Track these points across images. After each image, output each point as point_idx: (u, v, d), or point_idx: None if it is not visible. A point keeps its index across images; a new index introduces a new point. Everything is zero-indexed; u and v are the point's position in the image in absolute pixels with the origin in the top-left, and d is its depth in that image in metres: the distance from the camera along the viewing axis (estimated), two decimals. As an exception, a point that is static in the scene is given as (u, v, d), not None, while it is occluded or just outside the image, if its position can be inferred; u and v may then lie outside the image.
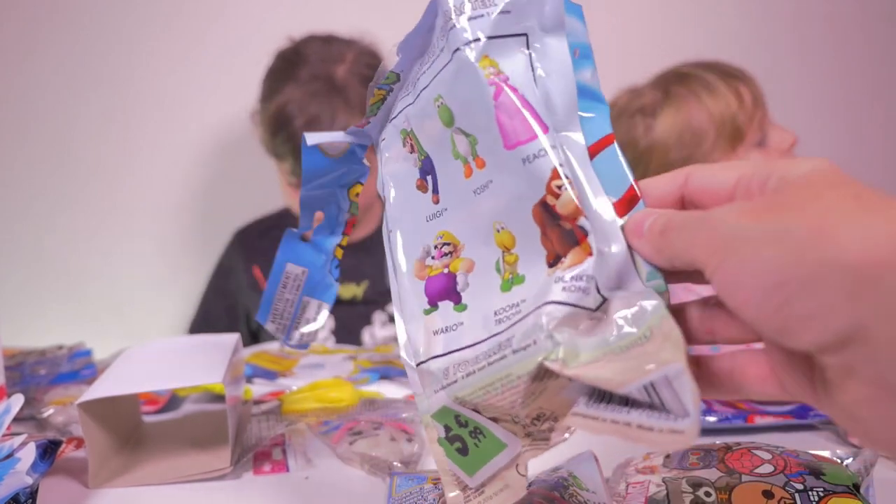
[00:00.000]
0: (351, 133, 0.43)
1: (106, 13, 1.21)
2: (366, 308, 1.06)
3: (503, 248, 0.34)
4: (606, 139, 0.33)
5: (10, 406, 0.51)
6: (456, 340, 0.35)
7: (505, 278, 0.34)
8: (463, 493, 0.35)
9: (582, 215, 0.31)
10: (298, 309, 0.49)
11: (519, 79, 0.33)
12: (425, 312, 0.37)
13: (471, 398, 0.33)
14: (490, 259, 0.35)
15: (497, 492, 0.35)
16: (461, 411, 0.34)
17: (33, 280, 1.25)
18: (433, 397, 0.35)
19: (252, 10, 1.23)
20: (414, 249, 0.38)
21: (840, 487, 0.42)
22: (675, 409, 0.27)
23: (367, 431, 0.58)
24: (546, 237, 0.32)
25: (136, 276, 1.27)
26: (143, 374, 0.57)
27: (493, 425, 0.34)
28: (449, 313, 0.36)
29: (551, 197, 0.32)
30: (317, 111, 0.94)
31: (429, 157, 0.38)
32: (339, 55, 0.99)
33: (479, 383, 0.33)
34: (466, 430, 0.35)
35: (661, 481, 0.45)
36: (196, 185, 1.26)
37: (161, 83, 1.23)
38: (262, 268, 1.09)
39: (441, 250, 0.37)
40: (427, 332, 0.36)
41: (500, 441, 0.34)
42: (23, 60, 1.21)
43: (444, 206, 0.37)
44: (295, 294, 0.48)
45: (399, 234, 0.39)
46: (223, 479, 0.54)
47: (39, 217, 1.24)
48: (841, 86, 1.31)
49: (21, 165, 1.23)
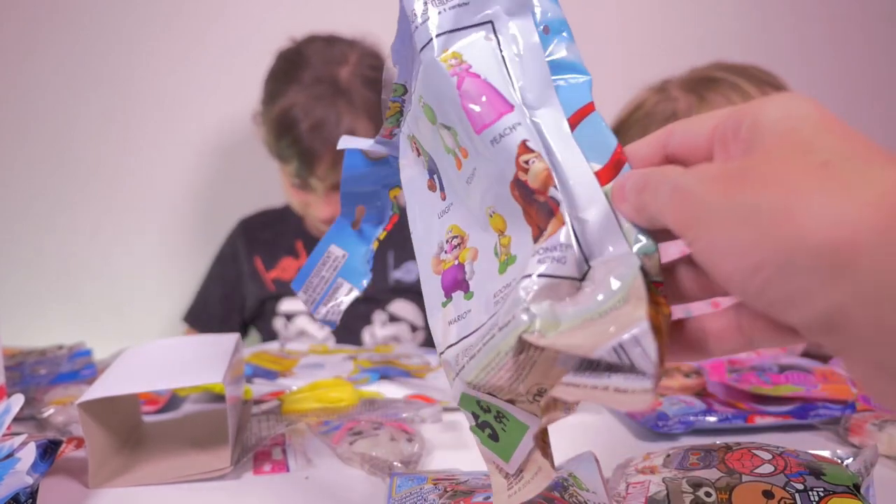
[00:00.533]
0: (381, 143, 0.44)
1: (106, 13, 1.21)
2: (366, 307, 1.06)
3: (498, 232, 0.35)
4: (586, 108, 0.33)
5: (10, 406, 0.51)
6: (465, 327, 0.35)
7: (501, 260, 0.35)
8: (506, 481, 0.35)
9: (552, 185, 0.31)
10: (331, 288, 0.50)
11: (482, 65, 0.34)
12: (443, 305, 0.38)
13: (477, 381, 0.34)
14: (489, 244, 0.36)
15: (532, 476, 0.34)
16: (480, 396, 0.35)
17: (33, 280, 1.25)
18: (455, 385, 0.36)
19: (252, 10, 1.23)
20: (431, 247, 0.39)
21: (840, 487, 0.42)
22: (644, 368, 0.27)
23: (367, 431, 0.58)
24: (528, 214, 0.33)
25: (136, 276, 1.27)
26: (143, 374, 0.57)
27: (511, 407, 0.34)
28: (460, 302, 0.37)
29: (522, 172, 0.32)
30: (322, 114, 0.94)
31: (431, 157, 0.39)
32: (342, 57, 0.99)
33: (480, 365, 0.33)
34: (491, 416, 0.35)
35: (661, 481, 0.45)
36: (196, 184, 1.26)
37: (161, 83, 1.23)
38: (264, 259, 1.09)
39: (451, 243, 0.38)
40: (444, 323, 0.37)
41: (522, 423, 0.34)
42: (23, 60, 1.21)
43: (450, 202, 0.38)
44: (332, 273, 0.50)
45: (418, 236, 0.40)
46: (223, 478, 0.54)
47: (39, 217, 1.24)
48: (841, 86, 1.31)
49: (21, 165, 1.23)
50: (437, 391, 0.72)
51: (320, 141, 0.94)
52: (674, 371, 0.73)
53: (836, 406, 0.62)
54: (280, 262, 1.09)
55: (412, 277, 1.08)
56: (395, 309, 1.07)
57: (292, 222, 1.11)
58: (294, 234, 1.10)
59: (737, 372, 0.68)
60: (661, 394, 0.67)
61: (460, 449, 0.61)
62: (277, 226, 1.12)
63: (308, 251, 1.08)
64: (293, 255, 1.09)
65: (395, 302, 1.07)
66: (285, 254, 1.09)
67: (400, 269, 1.08)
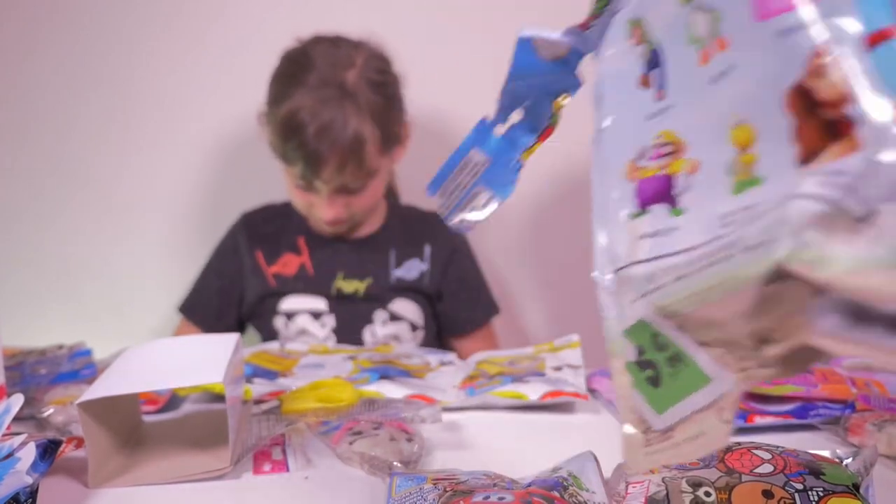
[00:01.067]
0: (570, 34, 0.39)
1: (106, 13, 1.21)
2: (367, 306, 1.06)
3: (739, 147, 0.30)
4: (887, 31, 0.27)
5: (10, 406, 0.51)
6: (667, 245, 0.31)
7: (738, 180, 0.30)
8: (644, 436, 0.31)
9: (851, 102, 0.26)
10: (469, 195, 0.46)
11: None
12: (632, 216, 0.34)
13: (679, 307, 0.29)
14: (719, 159, 0.31)
15: (690, 438, 0.30)
16: (662, 328, 0.30)
17: (33, 280, 1.25)
18: (630, 308, 0.32)
19: (252, 10, 1.23)
20: (627, 150, 0.35)
21: (840, 487, 0.42)
22: None
23: (367, 431, 0.58)
24: (802, 129, 0.27)
25: (136, 276, 1.27)
26: (143, 374, 0.57)
27: (699, 352, 0.29)
28: (661, 217, 0.32)
29: (813, 78, 0.27)
30: (328, 118, 0.94)
31: (658, 48, 0.34)
32: (348, 59, 0.99)
33: (693, 288, 0.29)
34: (664, 356, 0.30)
35: (660, 481, 0.45)
36: (196, 184, 1.26)
37: (161, 83, 1.23)
38: (265, 253, 1.09)
39: (659, 151, 0.34)
40: (632, 236, 0.33)
41: (704, 374, 0.29)
42: (23, 60, 1.20)
43: (670, 103, 0.34)
44: (470, 179, 0.46)
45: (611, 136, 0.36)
46: (223, 478, 0.54)
47: (39, 217, 1.24)
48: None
49: (21, 165, 1.23)
50: (437, 391, 0.72)
51: (327, 144, 0.94)
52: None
53: (835, 406, 0.63)
54: (281, 258, 1.09)
55: (413, 275, 1.09)
56: (395, 307, 1.07)
57: (295, 218, 1.11)
58: (297, 230, 1.10)
59: (737, 372, 0.68)
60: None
61: (460, 449, 0.61)
62: (280, 221, 1.12)
63: (310, 248, 1.09)
64: (295, 252, 1.09)
65: (397, 301, 1.07)
66: (287, 250, 1.09)
67: (401, 268, 1.09)
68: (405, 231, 1.11)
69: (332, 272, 1.07)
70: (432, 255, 1.09)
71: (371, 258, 1.08)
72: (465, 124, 0.46)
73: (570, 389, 0.70)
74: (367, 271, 1.07)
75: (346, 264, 1.08)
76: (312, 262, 1.08)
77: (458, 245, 1.12)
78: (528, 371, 0.75)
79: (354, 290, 1.06)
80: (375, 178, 1.02)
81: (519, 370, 0.76)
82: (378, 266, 1.08)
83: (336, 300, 1.06)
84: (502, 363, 0.80)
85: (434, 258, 1.09)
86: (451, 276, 1.10)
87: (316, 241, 1.09)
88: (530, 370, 0.76)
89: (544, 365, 0.77)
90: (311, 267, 1.08)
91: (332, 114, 0.94)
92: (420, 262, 1.09)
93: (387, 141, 1.01)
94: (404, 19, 1.18)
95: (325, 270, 1.07)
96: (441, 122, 1.21)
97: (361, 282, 1.07)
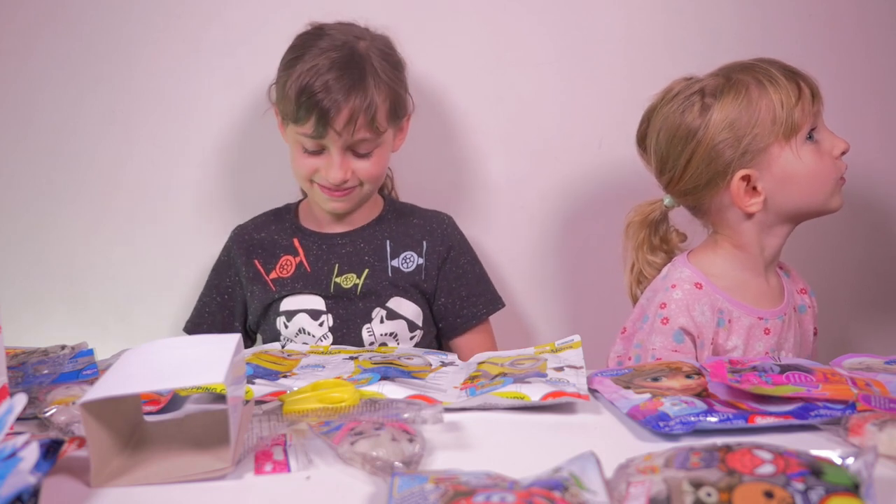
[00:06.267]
0: None
1: (106, 13, 1.21)
2: (364, 304, 1.06)
3: None
4: None
5: (13, 406, 0.51)
6: None
7: None
8: None
9: None
10: None
11: None
12: None
13: None
14: None
15: None
16: None
17: (36, 282, 1.25)
18: None
19: (252, 10, 1.23)
20: None
21: (840, 487, 0.42)
22: None
23: (368, 432, 0.58)
24: None
25: (138, 277, 1.27)
26: (144, 375, 0.57)
27: None
28: None
29: None
30: (342, 71, 0.98)
31: None
32: (360, 33, 1.05)
33: None
34: None
35: (662, 481, 0.45)
36: (197, 185, 1.26)
37: (161, 83, 1.23)
38: (262, 260, 1.10)
39: None
40: None
41: None
42: (23, 60, 1.21)
43: None
44: None
45: None
46: (225, 478, 0.54)
47: (41, 218, 1.24)
48: (841, 86, 1.31)
49: (22, 166, 1.23)
50: (438, 391, 0.72)
51: (342, 93, 0.97)
52: (675, 371, 0.73)
53: (836, 406, 0.63)
54: (279, 261, 1.09)
55: (410, 268, 1.09)
56: (393, 305, 1.07)
57: (287, 221, 1.12)
58: (290, 232, 1.11)
59: (738, 372, 0.68)
60: (663, 394, 0.67)
61: (461, 449, 0.61)
62: (272, 226, 1.13)
63: (305, 246, 1.09)
64: (291, 253, 1.10)
65: (395, 298, 1.07)
66: (283, 252, 1.10)
67: (398, 259, 1.09)
68: (402, 224, 1.11)
69: (329, 266, 1.07)
70: (428, 251, 1.10)
71: (367, 248, 1.09)
72: (465, 124, 0.47)
73: (571, 390, 0.70)
74: (363, 262, 1.07)
75: (343, 256, 1.08)
76: (309, 260, 1.08)
77: (455, 243, 1.12)
78: (530, 372, 0.75)
79: (353, 285, 1.07)
80: (381, 147, 1.03)
81: (520, 371, 0.76)
82: (374, 256, 1.08)
83: (334, 298, 1.06)
84: (503, 364, 0.80)
85: (430, 254, 1.09)
86: (448, 273, 1.10)
87: (310, 238, 1.10)
88: (532, 371, 0.76)
89: (546, 365, 0.77)
90: (309, 264, 1.08)
91: (346, 69, 0.98)
92: (417, 257, 1.09)
93: (394, 109, 1.03)
94: (405, 19, 1.18)
95: (322, 265, 1.08)
96: (441, 123, 1.22)
97: (359, 276, 1.07)
